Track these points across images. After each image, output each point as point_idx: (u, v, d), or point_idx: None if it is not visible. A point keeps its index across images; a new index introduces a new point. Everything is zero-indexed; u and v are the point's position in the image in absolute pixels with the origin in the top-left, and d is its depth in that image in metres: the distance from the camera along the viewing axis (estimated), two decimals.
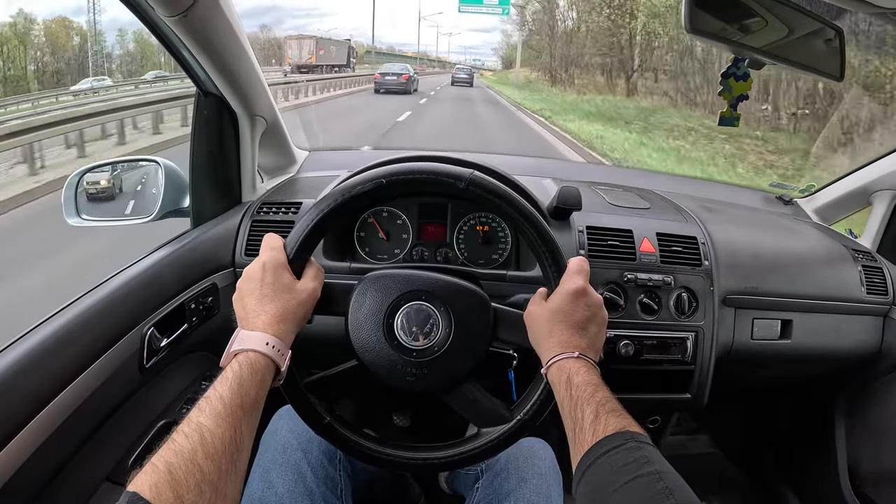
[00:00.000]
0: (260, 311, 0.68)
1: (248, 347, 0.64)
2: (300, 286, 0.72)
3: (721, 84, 0.95)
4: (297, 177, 1.25)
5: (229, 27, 0.93)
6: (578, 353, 0.69)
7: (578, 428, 0.63)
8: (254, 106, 1.07)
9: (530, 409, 0.76)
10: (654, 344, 1.06)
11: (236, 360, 0.63)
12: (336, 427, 0.77)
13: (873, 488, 1.32)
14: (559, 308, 0.72)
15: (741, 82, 0.94)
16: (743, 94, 0.95)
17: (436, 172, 0.75)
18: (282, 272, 0.71)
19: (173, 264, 1.00)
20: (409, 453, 0.78)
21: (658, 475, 0.54)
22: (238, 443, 0.57)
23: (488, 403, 0.79)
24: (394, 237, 1.12)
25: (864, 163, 1.38)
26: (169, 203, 1.10)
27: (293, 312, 0.70)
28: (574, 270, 0.75)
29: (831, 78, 0.97)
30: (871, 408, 1.34)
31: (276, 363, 0.66)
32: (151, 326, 0.91)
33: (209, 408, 0.57)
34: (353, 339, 0.76)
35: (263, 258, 0.72)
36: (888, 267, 1.31)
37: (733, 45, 0.91)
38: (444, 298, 0.77)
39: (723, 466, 1.72)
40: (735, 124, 0.97)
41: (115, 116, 8.68)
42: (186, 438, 0.54)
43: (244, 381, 0.61)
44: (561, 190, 1.03)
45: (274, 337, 0.66)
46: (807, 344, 1.22)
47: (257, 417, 0.62)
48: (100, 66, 35.90)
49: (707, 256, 1.11)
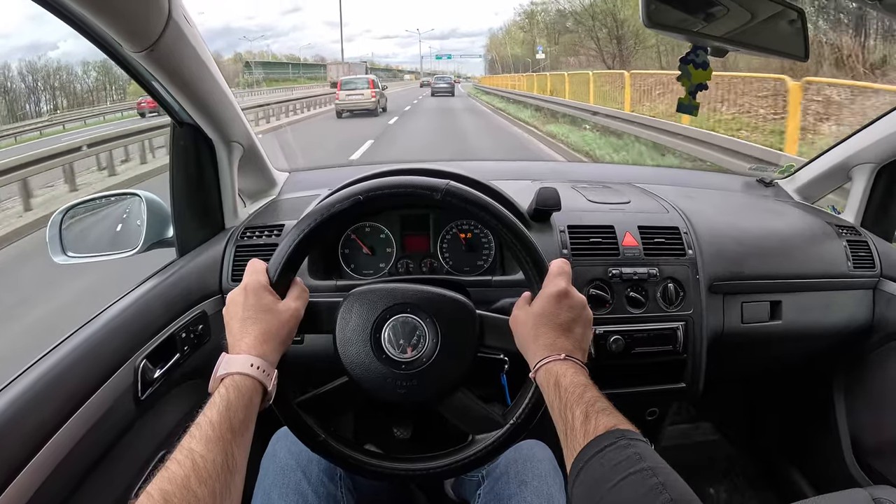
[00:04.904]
0: (243, 334, 0.69)
1: (234, 371, 0.65)
2: (282, 307, 0.73)
3: (680, 69, 0.94)
4: (278, 199, 1.26)
5: (197, 58, 0.94)
6: (565, 354, 0.69)
7: (569, 429, 0.63)
8: (229, 133, 1.08)
9: (522, 413, 0.76)
10: (644, 337, 1.06)
11: (223, 385, 0.64)
12: (331, 443, 0.78)
13: (878, 459, 1.32)
14: (543, 311, 0.73)
15: (700, 70, 0.93)
16: (702, 84, 0.94)
17: (411, 185, 0.76)
18: (263, 294, 0.72)
19: (161, 295, 1.00)
20: (405, 464, 0.79)
21: (651, 471, 0.54)
22: (230, 466, 0.58)
23: (480, 410, 0.79)
24: (378, 251, 1.13)
25: (841, 138, 1.38)
26: (153, 235, 1.10)
27: (276, 333, 0.71)
28: (555, 273, 0.75)
29: (796, 59, 0.97)
30: (869, 381, 1.35)
31: (263, 383, 0.67)
32: (144, 358, 0.91)
33: (199, 433, 0.58)
34: (342, 356, 0.77)
35: (245, 282, 0.73)
36: (873, 240, 1.31)
37: (694, 35, 0.90)
38: (429, 309, 0.77)
39: (727, 452, 1.72)
40: (694, 113, 0.96)
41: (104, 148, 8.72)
42: (179, 465, 0.55)
43: (231, 404, 0.62)
44: (539, 192, 1.04)
45: (258, 358, 0.67)
46: (798, 323, 1.23)
47: (248, 439, 0.63)
48: None
49: (690, 245, 1.12)
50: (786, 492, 1.52)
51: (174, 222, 1.11)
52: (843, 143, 1.37)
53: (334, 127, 15.62)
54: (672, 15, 0.87)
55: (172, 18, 0.82)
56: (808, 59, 0.97)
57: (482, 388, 0.96)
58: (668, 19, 0.87)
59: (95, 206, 1.16)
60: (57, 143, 8.12)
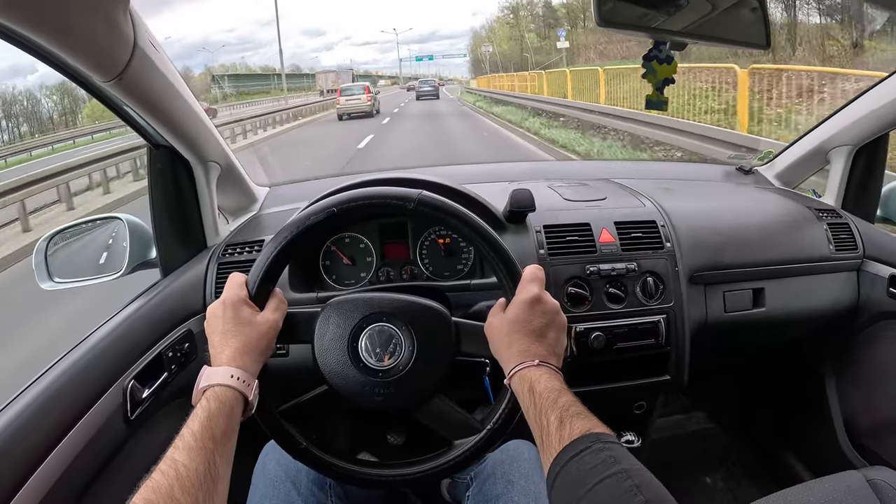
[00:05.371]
0: (224, 347, 0.71)
1: (215, 382, 0.67)
2: (260, 319, 0.75)
3: (644, 66, 0.93)
4: (259, 214, 1.27)
5: (166, 82, 0.95)
6: (539, 360, 0.70)
7: (545, 435, 0.64)
8: (204, 152, 1.09)
9: (499, 418, 0.77)
10: (625, 332, 1.07)
11: (205, 396, 0.66)
12: (312, 451, 0.79)
13: (871, 440, 1.33)
14: (516, 318, 0.74)
15: (665, 65, 0.93)
16: (668, 78, 0.94)
17: (384, 196, 0.78)
18: (242, 307, 0.74)
19: (146, 316, 1.02)
20: (386, 470, 0.80)
21: (626, 473, 0.55)
22: (213, 474, 0.60)
23: (458, 416, 0.81)
24: (358, 261, 1.14)
25: (817, 122, 1.38)
26: (136, 257, 1.12)
27: (255, 345, 0.73)
28: (528, 279, 0.76)
29: (758, 48, 0.96)
30: (858, 362, 1.35)
31: (244, 393, 0.69)
32: (132, 379, 0.93)
33: (182, 444, 0.61)
34: (320, 365, 0.79)
35: (224, 296, 0.75)
36: (854, 221, 1.31)
37: (653, 31, 0.89)
38: (404, 318, 0.79)
39: (722, 441, 1.73)
40: (664, 108, 0.96)
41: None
42: (163, 475, 0.57)
43: (213, 415, 0.64)
44: (513, 193, 1.05)
45: (238, 369, 0.69)
46: (781, 309, 1.23)
47: (231, 448, 0.65)
48: None
49: (668, 238, 1.12)
50: (782, 476, 1.52)
51: (156, 243, 1.13)
52: (819, 126, 1.37)
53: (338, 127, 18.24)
54: (628, 12, 0.86)
55: (138, 46, 0.83)
56: (769, 47, 0.97)
57: (466, 390, 0.97)
58: (624, 17, 0.85)
59: (79, 231, 1.18)
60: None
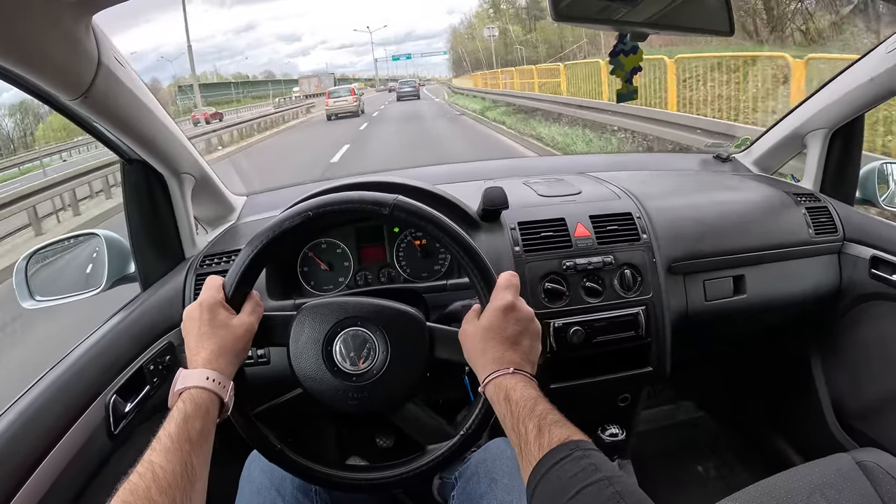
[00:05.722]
0: (200, 349, 0.72)
1: (190, 385, 0.68)
2: (236, 321, 0.75)
3: (612, 63, 0.93)
4: (237, 224, 1.27)
5: (133, 97, 0.95)
6: (513, 368, 0.70)
7: (524, 443, 0.64)
8: (177, 165, 1.09)
9: (473, 423, 0.77)
10: (604, 325, 1.07)
11: (181, 399, 0.67)
12: (287, 454, 0.79)
13: (860, 421, 1.33)
14: (490, 325, 0.73)
15: (631, 56, 0.93)
16: (636, 67, 0.94)
17: (359, 200, 0.78)
18: (218, 310, 0.75)
19: (126, 330, 1.02)
20: (359, 474, 0.81)
21: (608, 481, 0.55)
22: (190, 475, 0.61)
23: (432, 421, 0.81)
24: (336, 266, 1.14)
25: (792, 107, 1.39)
26: (115, 272, 1.12)
27: (231, 347, 0.73)
28: (503, 286, 0.76)
29: (722, 35, 0.95)
30: (843, 344, 1.36)
31: (219, 395, 0.69)
32: (114, 394, 0.93)
33: (159, 446, 0.61)
34: (295, 369, 0.79)
35: (201, 298, 0.76)
36: (833, 204, 1.31)
37: (614, 24, 0.88)
38: (378, 322, 0.79)
39: (712, 429, 1.73)
40: (634, 97, 0.96)
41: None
42: (140, 477, 0.58)
43: (189, 416, 0.65)
44: (485, 192, 1.05)
45: (214, 371, 0.70)
46: (763, 295, 1.23)
47: (208, 449, 0.66)
48: None
49: (644, 230, 1.13)
50: (773, 461, 1.52)
51: (135, 258, 1.13)
52: (794, 111, 1.37)
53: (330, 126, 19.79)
54: (587, 6, 0.84)
55: (103, 63, 0.83)
56: (733, 33, 0.96)
57: (447, 391, 0.98)
58: (582, 11, 0.84)
59: (58, 248, 1.18)
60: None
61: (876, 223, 1.28)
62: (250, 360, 1.03)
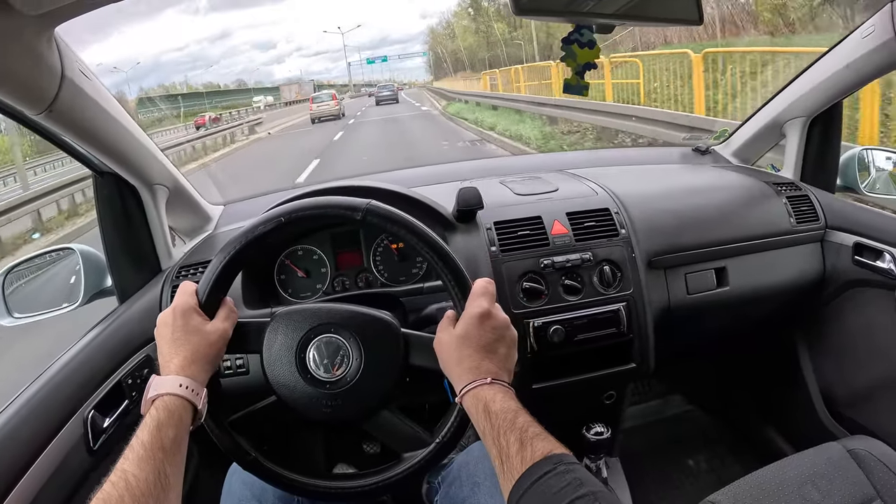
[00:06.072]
0: (173, 355, 0.72)
1: (163, 391, 0.68)
2: (210, 327, 0.75)
3: (563, 50, 0.90)
4: (214, 233, 1.26)
5: (100, 109, 0.94)
6: (491, 378, 0.69)
7: (505, 456, 0.62)
8: (149, 176, 1.08)
9: (448, 431, 0.77)
10: (584, 323, 1.06)
11: (154, 406, 0.67)
12: (261, 462, 0.79)
13: (849, 409, 1.33)
14: (465, 333, 0.72)
15: (587, 49, 0.90)
16: (589, 63, 0.90)
17: (332, 206, 0.77)
18: (191, 315, 0.74)
19: (103, 344, 1.01)
20: (334, 482, 0.80)
21: (593, 496, 0.55)
22: (163, 483, 0.61)
23: (407, 429, 0.80)
24: (313, 273, 1.13)
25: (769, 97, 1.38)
26: (92, 286, 1.12)
27: (204, 353, 0.73)
28: (478, 293, 0.74)
29: (692, 24, 0.94)
30: (830, 332, 1.36)
31: (193, 402, 0.69)
32: (92, 409, 0.92)
33: (132, 454, 0.61)
34: (269, 376, 0.78)
35: (175, 304, 0.75)
36: (813, 192, 1.31)
37: (581, 16, 0.85)
38: (352, 329, 0.78)
39: (702, 421, 1.73)
40: (584, 93, 0.93)
41: None
42: (113, 486, 0.58)
43: (162, 424, 0.65)
44: (460, 192, 1.04)
45: (187, 378, 0.69)
46: (746, 286, 1.23)
47: (181, 457, 0.66)
48: None
49: (623, 225, 1.12)
50: (764, 452, 1.52)
51: (111, 271, 1.12)
52: (772, 101, 1.37)
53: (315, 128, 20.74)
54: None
55: (67, 76, 0.82)
56: (702, 22, 0.95)
57: (427, 395, 0.97)
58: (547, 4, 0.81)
59: (34, 264, 1.17)
60: None
61: (858, 210, 1.28)
62: (229, 371, 1.03)
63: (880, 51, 1.09)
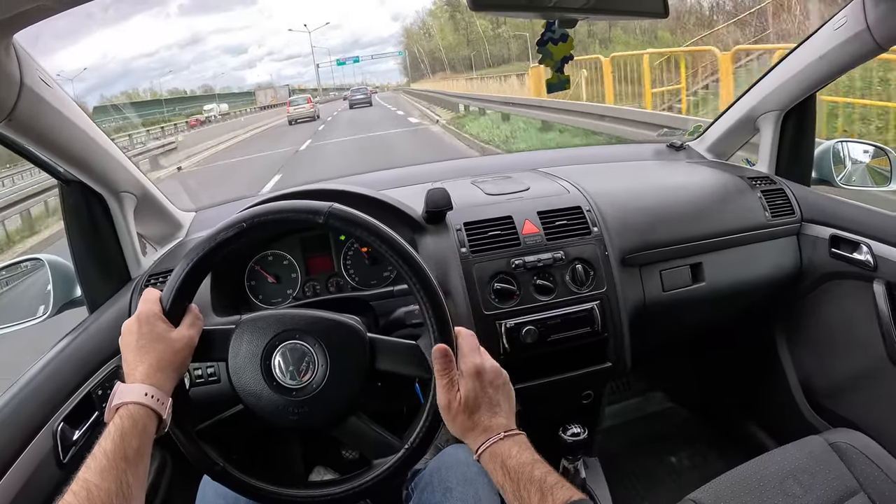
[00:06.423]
0: (137, 363, 0.71)
1: (128, 400, 0.67)
2: (175, 335, 0.74)
3: (540, 52, 0.90)
4: (185, 240, 1.24)
5: (62, 117, 0.92)
6: (503, 433, 0.70)
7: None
8: (115, 184, 1.07)
9: (417, 436, 0.76)
10: (558, 322, 1.05)
11: (117, 414, 0.66)
12: (230, 471, 0.78)
13: (829, 400, 1.34)
14: (468, 397, 0.72)
15: (561, 44, 0.89)
16: (567, 56, 0.90)
17: (293, 210, 0.76)
18: (156, 322, 0.73)
19: (72, 355, 1.00)
20: (305, 491, 0.79)
21: None
22: (125, 494, 0.60)
23: (376, 435, 0.79)
24: (283, 278, 1.12)
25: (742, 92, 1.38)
26: (61, 296, 1.10)
27: (169, 361, 0.72)
28: (466, 352, 0.74)
29: (657, 17, 0.93)
30: (808, 325, 1.36)
31: (157, 412, 0.68)
32: (62, 421, 0.91)
33: (94, 463, 0.61)
34: (234, 384, 0.77)
35: (139, 311, 0.74)
36: (789, 186, 1.31)
37: (544, 11, 0.85)
38: (316, 334, 0.77)
39: (684, 418, 1.73)
40: (566, 87, 0.93)
41: None
42: (74, 496, 0.57)
43: (126, 433, 0.64)
44: (428, 193, 1.03)
45: (152, 387, 0.69)
46: (722, 281, 1.23)
47: (144, 467, 0.65)
48: None
49: (595, 223, 1.11)
50: (747, 447, 1.51)
51: (80, 281, 1.11)
52: (745, 95, 1.36)
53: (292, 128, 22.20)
54: None
55: (26, 85, 0.81)
56: (668, 15, 0.93)
57: (400, 399, 0.96)
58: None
59: (2, 277, 1.16)
60: None
61: (834, 202, 1.28)
62: (201, 380, 1.01)
63: (853, 42, 1.09)
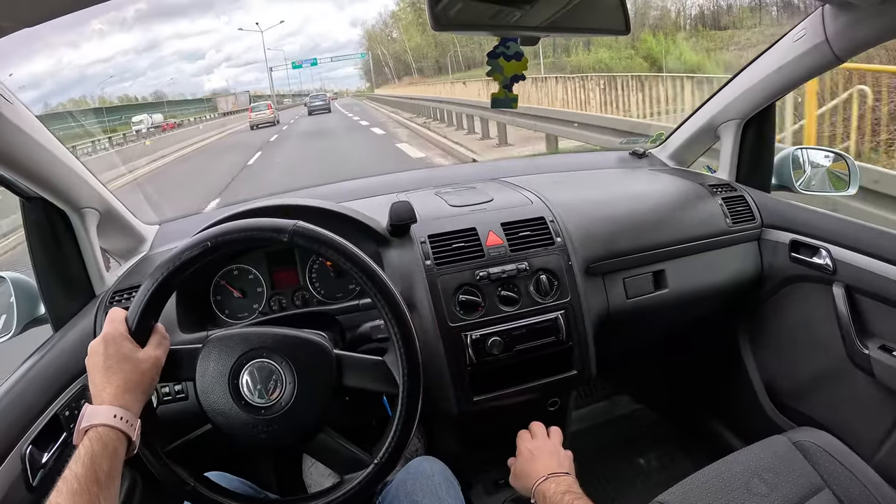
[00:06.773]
0: (105, 384, 0.71)
1: (97, 422, 0.67)
2: (142, 355, 0.74)
3: (489, 64, 0.90)
4: (149, 254, 1.23)
5: (21, 133, 0.91)
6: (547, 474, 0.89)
7: None
8: (77, 200, 1.06)
9: (386, 451, 0.77)
10: (523, 333, 1.07)
11: (87, 437, 0.66)
12: (201, 491, 0.78)
13: (792, 400, 1.37)
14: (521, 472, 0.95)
15: (514, 62, 0.90)
16: (518, 75, 0.91)
17: (259, 228, 0.77)
18: (122, 343, 0.73)
19: (37, 376, 0.98)
20: None
21: None
22: None
23: (345, 451, 0.80)
24: (249, 293, 1.12)
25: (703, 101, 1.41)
26: (25, 314, 1.08)
27: (137, 382, 0.72)
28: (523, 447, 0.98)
29: (619, 34, 0.94)
30: (770, 327, 1.39)
31: (127, 433, 0.68)
32: (30, 444, 0.90)
33: (66, 487, 0.60)
34: (202, 404, 0.77)
35: (105, 331, 0.74)
36: (749, 192, 1.34)
37: (507, 28, 0.85)
38: (283, 352, 0.78)
39: (652, 420, 1.76)
40: (513, 105, 0.93)
41: None
42: None
43: (96, 457, 0.64)
44: (392, 207, 1.04)
45: (121, 408, 0.69)
46: (685, 287, 1.25)
47: (115, 490, 0.65)
48: None
49: (558, 233, 1.13)
50: (713, 447, 1.54)
51: (43, 299, 1.09)
52: (706, 104, 1.39)
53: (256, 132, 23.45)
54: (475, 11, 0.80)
55: None
56: (629, 32, 0.96)
57: (369, 412, 0.97)
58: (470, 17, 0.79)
59: None
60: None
61: (793, 208, 1.31)
62: (168, 397, 1.01)
63: (812, 53, 1.11)
